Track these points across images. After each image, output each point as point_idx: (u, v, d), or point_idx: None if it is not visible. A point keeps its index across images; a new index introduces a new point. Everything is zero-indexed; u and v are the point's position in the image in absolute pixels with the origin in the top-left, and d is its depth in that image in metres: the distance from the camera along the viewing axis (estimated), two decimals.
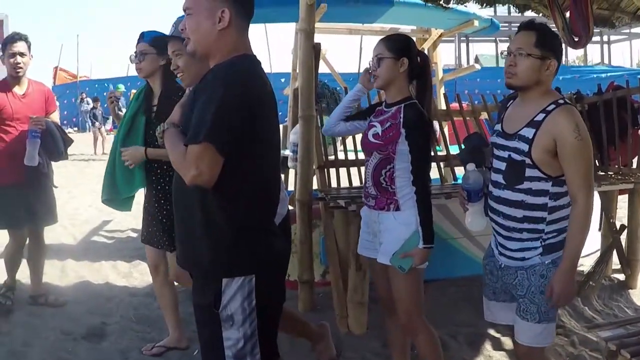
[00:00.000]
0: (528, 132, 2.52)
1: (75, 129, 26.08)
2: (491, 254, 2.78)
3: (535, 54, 2.51)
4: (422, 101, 3.04)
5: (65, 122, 24.36)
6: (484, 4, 5.84)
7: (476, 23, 7.27)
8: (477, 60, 32.85)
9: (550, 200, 2.53)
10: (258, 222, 2.23)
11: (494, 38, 31.69)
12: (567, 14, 5.01)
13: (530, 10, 5.88)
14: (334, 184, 4.61)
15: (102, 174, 3.87)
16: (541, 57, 2.51)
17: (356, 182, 4.78)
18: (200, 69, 2.60)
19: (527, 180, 2.53)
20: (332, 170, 4.66)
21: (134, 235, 7.26)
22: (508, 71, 2.58)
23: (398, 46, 3.06)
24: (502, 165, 2.61)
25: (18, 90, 4.67)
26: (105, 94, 3.76)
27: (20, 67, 4.60)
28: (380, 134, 3.00)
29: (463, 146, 2.95)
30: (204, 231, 2.18)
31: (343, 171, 4.72)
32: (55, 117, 4.89)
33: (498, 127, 2.73)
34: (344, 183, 4.69)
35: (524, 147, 2.51)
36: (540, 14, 5.78)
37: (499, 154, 2.64)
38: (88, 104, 26.62)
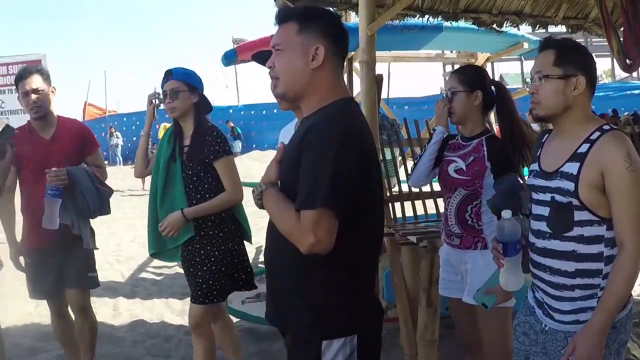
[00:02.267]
0: (571, 168, 2.13)
1: (106, 162, 26.25)
2: (527, 312, 2.36)
3: (555, 74, 2.15)
4: (510, 129, 2.94)
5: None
6: (537, 26, 5.76)
7: (526, 45, 7.14)
8: (501, 79, 32.72)
9: (607, 247, 2.12)
10: (360, 283, 2.09)
11: (518, 57, 31.56)
12: (621, 37, 4.92)
13: (583, 31, 5.79)
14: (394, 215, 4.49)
15: (138, 207, 3.76)
16: (563, 76, 2.15)
17: (413, 213, 4.66)
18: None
19: (577, 225, 2.13)
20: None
21: (181, 271, 7.18)
22: (531, 100, 2.24)
23: (471, 79, 3.00)
24: (545, 211, 2.20)
25: (43, 133, 3.81)
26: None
27: (38, 106, 3.74)
28: (464, 168, 2.92)
29: (495, 190, 2.56)
30: (300, 292, 2.04)
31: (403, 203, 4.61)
32: (96, 160, 4.04)
33: (535, 166, 2.33)
34: (398, 212, 4.57)
35: (569, 185, 2.12)
36: (594, 34, 5.69)
37: (540, 197, 2.24)
38: (117, 137, 27.03)
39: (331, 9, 4.89)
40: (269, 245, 2.18)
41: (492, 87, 3.05)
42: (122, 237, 9.84)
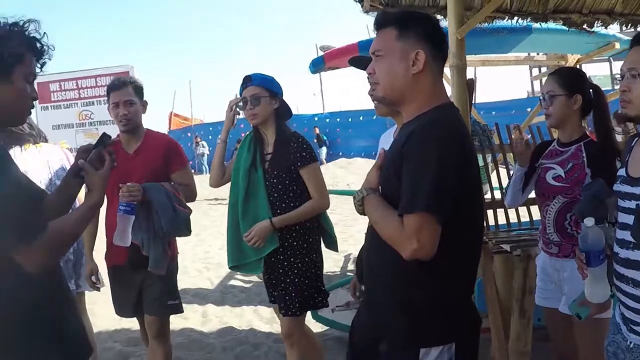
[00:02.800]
0: None
1: (192, 171, 26.86)
2: (615, 330, 2.15)
3: None
4: (604, 134, 2.83)
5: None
6: (629, 25, 5.53)
7: (617, 45, 6.87)
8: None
9: None
10: (459, 290, 2.05)
11: (606, 57, 30.43)
12: None
13: None
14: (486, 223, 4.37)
15: (226, 214, 3.62)
16: None
17: (506, 221, 4.56)
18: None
19: None
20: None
21: None
22: (622, 99, 2.07)
23: (571, 82, 2.88)
24: (630, 219, 1.99)
25: (128, 147, 3.70)
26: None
27: (128, 119, 3.63)
28: (563, 175, 2.82)
29: (581, 196, 2.42)
30: (400, 298, 2.02)
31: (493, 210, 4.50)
32: (182, 177, 3.76)
33: (622, 171, 2.13)
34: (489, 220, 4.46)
35: None
36: None
37: (625, 204, 2.03)
38: (203, 147, 27.66)
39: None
40: (369, 252, 2.17)
41: (591, 91, 2.93)
42: (211, 245, 10.00)
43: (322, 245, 3.61)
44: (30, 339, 2.00)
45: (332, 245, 3.67)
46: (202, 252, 9.38)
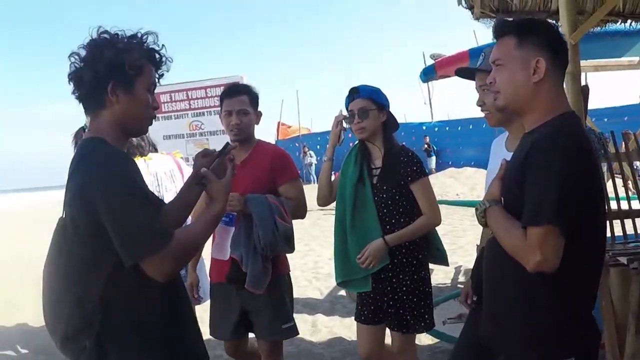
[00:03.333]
0: None
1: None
2: None
3: None
4: None
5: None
6: None
7: None
8: None
9: None
10: (580, 304, 2.00)
11: None
12: None
13: None
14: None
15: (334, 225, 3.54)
16: None
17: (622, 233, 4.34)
18: (505, 114, 2.49)
19: None
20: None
21: None
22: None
23: None
24: None
25: (238, 158, 3.33)
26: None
27: (240, 129, 3.48)
28: None
29: None
30: (521, 313, 2.00)
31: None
32: (290, 191, 3.54)
33: None
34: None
35: None
36: None
37: None
38: (311, 156, 27.98)
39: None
40: (489, 264, 2.17)
41: None
42: (320, 255, 10.06)
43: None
44: (157, 349, 2.05)
45: (442, 260, 3.58)
46: (312, 262, 9.46)
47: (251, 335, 3.62)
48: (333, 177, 3.68)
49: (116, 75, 2.05)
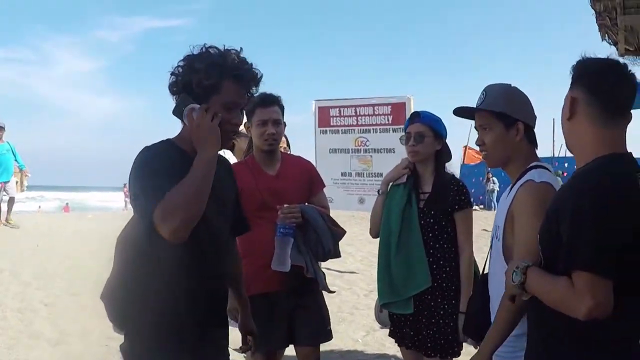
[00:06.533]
0: None
1: (482, 206, 26.17)
2: None
3: None
4: None
5: (472, 199, 25.07)
6: None
7: None
8: None
9: None
10: (633, 351, 1.88)
11: None
12: None
13: None
14: None
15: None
16: None
17: None
18: (505, 151, 2.47)
19: None
20: None
21: None
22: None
23: None
24: None
25: (267, 168, 3.54)
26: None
27: (275, 139, 3.50)
28: None
29: None
30: (544, 344, 1.98)
31: None
32: (321, 200, 3.68)
33: None
34: None
35: None
36: None
37: None
38: (494, 183, 27.15)
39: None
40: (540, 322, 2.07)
41: None
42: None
43: None
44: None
45: None
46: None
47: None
48: None
49: (188, 93, 2.17)
